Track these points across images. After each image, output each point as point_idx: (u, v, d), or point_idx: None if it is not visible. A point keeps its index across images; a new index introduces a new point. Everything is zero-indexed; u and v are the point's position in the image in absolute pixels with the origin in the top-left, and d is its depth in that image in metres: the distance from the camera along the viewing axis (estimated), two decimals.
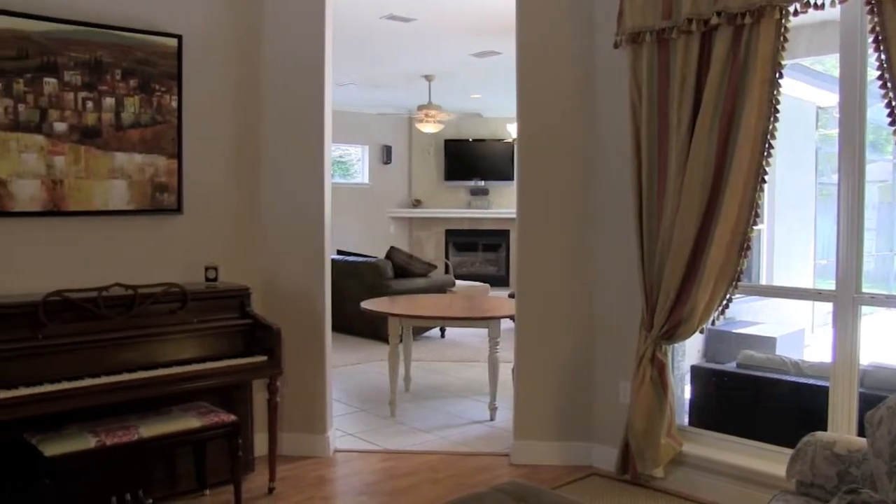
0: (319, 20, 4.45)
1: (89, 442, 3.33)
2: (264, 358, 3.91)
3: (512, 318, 4.88)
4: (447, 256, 12.84)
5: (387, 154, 12.75)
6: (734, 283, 3.75)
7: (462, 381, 6.54)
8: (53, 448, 3.25)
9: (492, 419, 5.37)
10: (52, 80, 3.79)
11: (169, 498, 3.93)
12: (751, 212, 3.65)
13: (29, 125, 3.72)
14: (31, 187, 3.73)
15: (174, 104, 4.15)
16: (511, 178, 12.14)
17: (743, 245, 3.69)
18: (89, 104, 3.89)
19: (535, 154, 4.43)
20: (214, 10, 4.33)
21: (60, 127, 3.81)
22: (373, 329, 7.99)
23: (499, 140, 12.65)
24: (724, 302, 3.81)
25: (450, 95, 10.32)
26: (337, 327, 5.03)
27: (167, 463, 3.95)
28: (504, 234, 12.74)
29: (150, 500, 3.75)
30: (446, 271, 11.03)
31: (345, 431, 5.07)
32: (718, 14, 3.53)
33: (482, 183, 12.85)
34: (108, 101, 3.95)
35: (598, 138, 4.35)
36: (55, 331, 3.45)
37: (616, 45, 4.03)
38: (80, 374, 3.44)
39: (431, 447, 4.81)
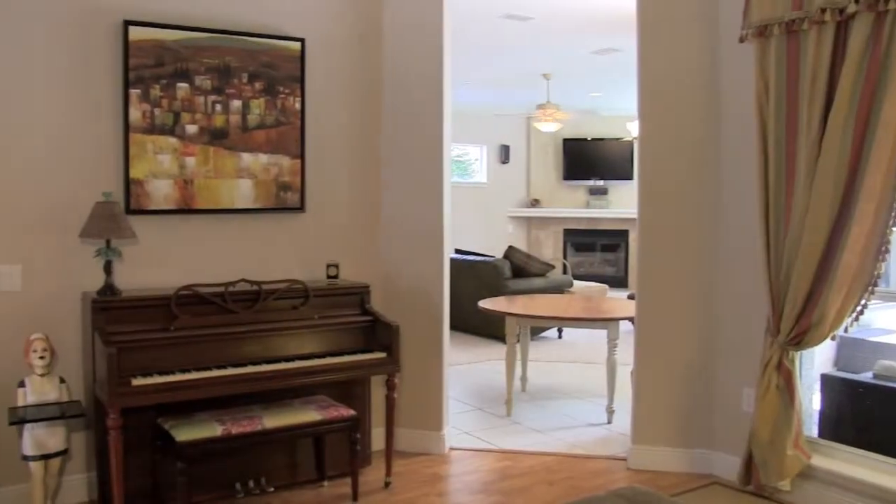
0: (438, 21, 4.49)
1: (216, 430, 3.49)
2: (383, 354, 3.97)
3: (631, 319, 4.79)
4: (565, 256, 12.73)
5: (505, 153, 12.75)
6: (869, 289, 3.53)
7: (579, 383, 6.47)
8: (184, 434, 3.43)
9: (609, 422, 5.28)
10: (185, 86, 3.98)
11: (289, 487, 4.07)
12: (890, 214, 3.41)
13: (163, 128, 3.93)
14: (166, 187, 3.94)
15: (297, 106, 4.28)
16: (631, 177, 12.08)
17: (880, 249, 3.46)
18: (218, 107, 4.07)
19: (657, 152, 4.33)
20: (336, 13, 4.45)
21: (192, 129, 4.00)
22: (490, 328, 8.01)
23: (618, 139, 12.44)
24: (859, 308, 3.58)
25: (568, 94, 10.22)
26: (454, 326, 5.07)
27: (288, 453, 4.09)
28: (623, 235, 12.53)
29: (272, 488, 3.90)
30: (564, 271, 10.92)
31: (460, 429, 5.10)
32: (857, 1, 3.34)
33: (601, 182, 12.68)
34: (236, 104, 4.12)
35: (722, 136, 4.20)
36: (186, 323, 3.63)
37: (742, 40, 3.88)
38: (208, 365, 3.61)
39: (547, 448, 4.77)
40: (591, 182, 12.74)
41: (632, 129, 10.73)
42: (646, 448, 4.39)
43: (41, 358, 3.47)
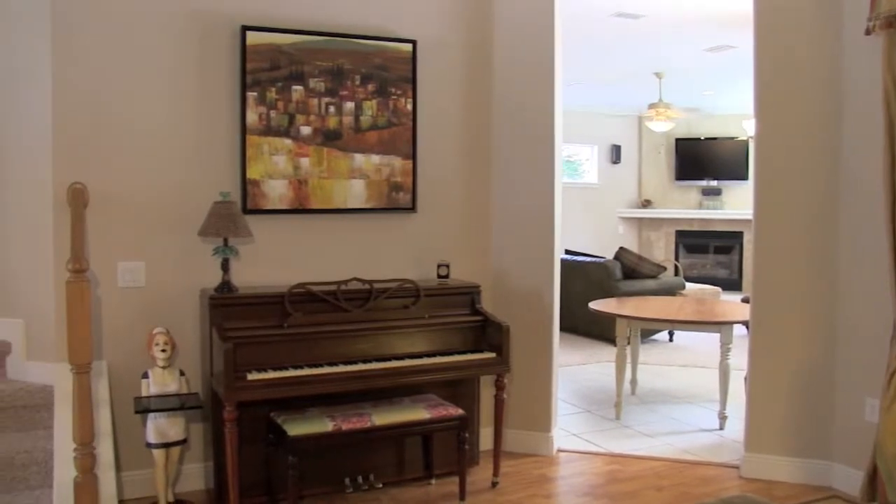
0: (548, 20, 4.45)
1: (327, 425, 3.55)
2: (493, 354, 3.96)
3: (745, 323, 4.62)
4: (677, 258, 12.42)
5: (616, 153, 12.54)
6: None
7: (690, 387, 6.29)
8: (296, 428, 3.50)
9: (721, 428, 5.11)
10: (299, 88, 4.07)
11: (397, 484, 4.11)
12: None
13: (279, 130, 4.03)
14: (280, 187, 4.04)
15: (409, 107, 4.32)
16: (745, 178, 11.68)
17: None
18: (331, 109, 4.15)
19: (775, 151, 4.15)
20: (447, 14, 4.46)
21: (306, 130, 4.09)
22: (599, 330, 7.90)
23: (732, 138, 12.04)
24: None
25: (681, 92, 9.97)
26: (563, 327, 5.00)
27: (396, 450, 4.12)
28: (737, 236, 12.12)
29: (380, 485, 3.94)
30: (676, 273, 10.66)
31: (568, 431, 5.03)
32: None
33: (714, 182, 12.30)
34: (348, 106, 4.18)
35: (844, 134, 3.99)
36: (299, 321, 3.70)
37: (868, 32, 3.67)
38: (319, 361, 3.68)
39: (656, 453, 4.65)
40: (704, 182, 12.38)
41: (747, 128, 10.38)
42: (760, 456, 4.22)
43: (163, 351, 3.61)
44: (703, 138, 12.29)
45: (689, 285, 8.89)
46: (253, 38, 3.96)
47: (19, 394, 3.65)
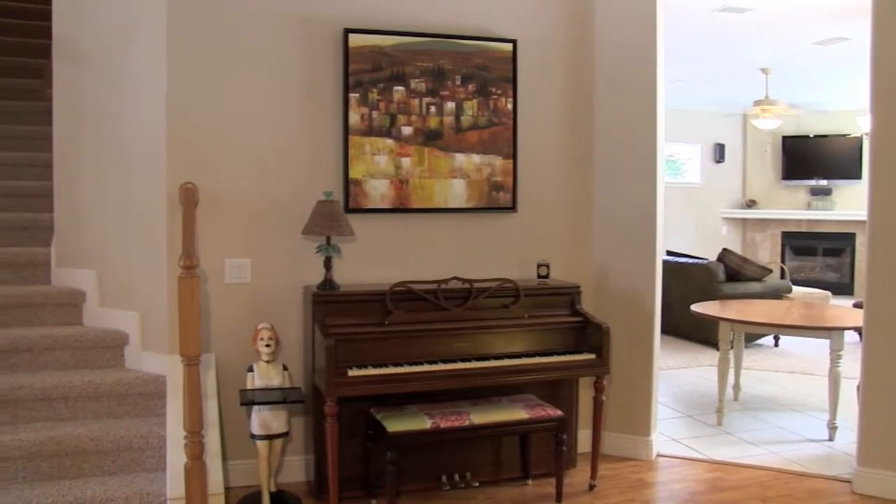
0: (650, 17, 4.36)
1: (425, 423, 3.58)
2: (592, 356, 3.91)
3: (858, 330, 4.42)
4: (783, 260, 12.01)
5: (719, 152, 12.21)
6: None
7: (796, 395, 6.06)
8: (394, 425, 3.55)
9: (830, 439, 4.91)
10: (401, 89, 4.12)
11: (493, 483, 4.11)
12: None
13: (381, 130, 4.09)
14: (382, 186, 4.10)
15: (509, 106, 4.31)
16: (858, 177, 11.18)
17: None
18: (432, 109, 4.18)
19: (892, 149, 3.96)
20: (547, 13, 4.44)
21: (407, 131, 4.13)
22: (701, 333, 7.72)
23: (844, 135, 11.54)
24: None
25: (788, 88, 9.63)
26: (664, 329, 4.91)
27: (493, 450, 4.13)
28: (849, 238, 11.62)
29: (477, 483, 3.96)
30: (782, 276, 10.29)
31: (668, 436, 4.93)
32: None
33: (824, 182, 11.82)
34: (449, 106, 4.21)
35: None
36: (399, 318, 3.75)
37: None
38: (419, 359, 3.71)
39: (760, 462, 4.50)
40: (813, 182, 11.92)
41: (862, 125, 9.93)
42: (875, 472, 4.02)
43: (267, 346, 3.72)
44: (812, 136, 11.83)
45: (795, 289, 8.58)
46: (355, 40, 4.04)
47: (136, 382, 3.82)
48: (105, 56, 4.16)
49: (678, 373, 6.77)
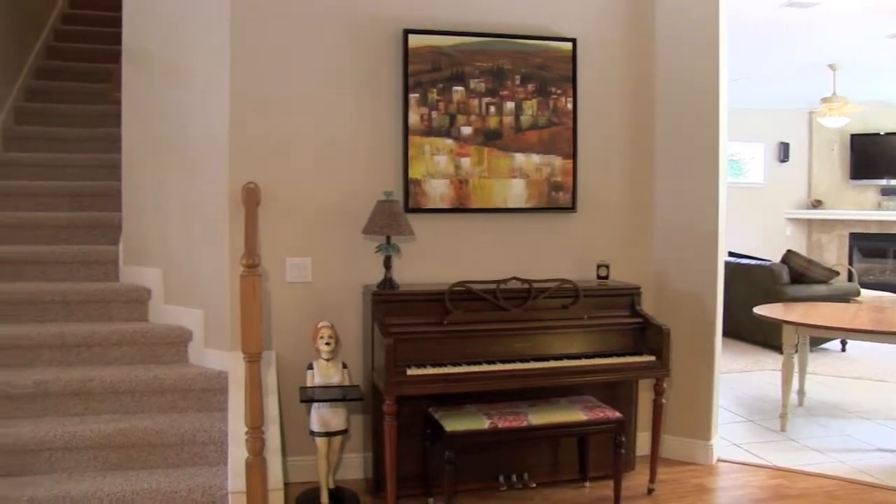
0: (713, 14, 4.29)
1: (483, 423, 3.58)
2: (652, 358, 3.87)
3: None
4: (851, 263, 11.68)
5: (783, 151, 11.94)
6: None
7: (865, 402, 5.89)
8: (453, 424, 3.56)
9: None
10: (460, 89, 4.13)
11: (551, 485, 4.09)
12: None
13: (440, 130, 4.10)
14: (441, 186, 4.12)
15: (569, 106, 4.29)
16: None
17: None
18: (492, 109, 4.18)
19: None
20: (607, 11, 4.40)
21: (466, 131, 4.14)
22: (763, 336, 7.58)
23: None
24: None
25: (857, 85, 9.36)
26: (725, 331, 4.83)
27: (551, 451, 4.11)
28: None
29: (534, 484, 3.94)
30: (850, 279, 10.04)
31: (729, 441, 4.84)
32: None
33: (895, 182, 11.47)
34: (508, 106, 4.20)
35: None
36: (458, 318, 3.76)
37: None
38: (478, 359, 3.71)
39: (827, 470, 4.38)
40: (883, 181, 11.56)
41: None
42: None
43: (327, 344, 3.76)
44: (882, 133, 11.49)
45: (864, 292, 8.35)
46: (415, 40, 4.06)
47: (199, 378, 3.90)
48: (170, 59, 4.26)
49: (740, 376, 6.64)
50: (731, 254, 8.74)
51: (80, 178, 5.40)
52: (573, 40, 4.29)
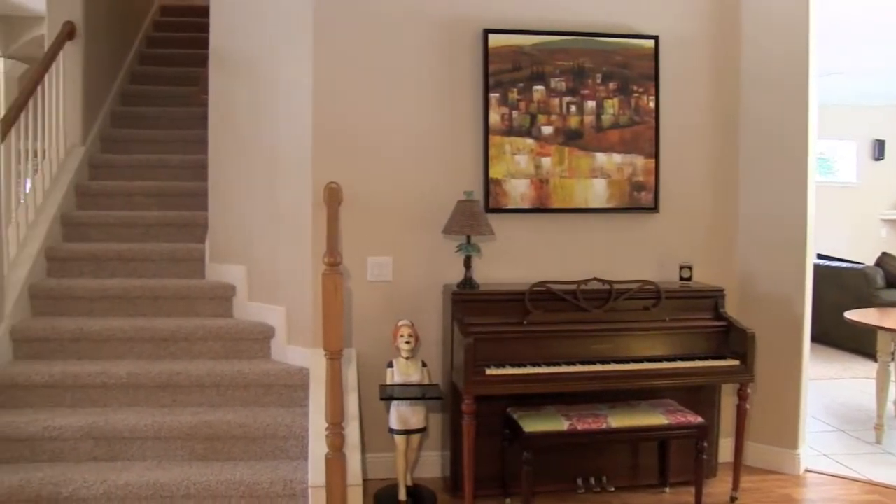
0: (803, 8, 4.15)
1: (562, 424, 3.56)
2: (736, 362, 3.77)
3: None
4: None
5: (879, 149, 11.48)
6: None
7: None
8: (531, 425, 3.54)
9: None
10: (541, 88, 4.11)
11: (630, 489, 4.03)
12: None
13: (521, 130, 4.09)
14: (522, 186, 4.10)
15: (651, 104, 4.22)
16: None
17: None
18: (572, 108, 4.15)
19: None
20: (690, 7, 4.31)
21: (547, 130, 4.12)
22: (856, 342, 7.31)
23: None
24: None
25: None
26: (814, 337, 4.66)
27: (630, 454, 4.05)
28: None
29: (612, 488, 3.90)
30: None
31: (818, 451, 4.68)
32: None
33: None
34: (589, 105, 4.16)
35: None
36: (538, 319, 3.74)
37: None
38: (557, 360, 3.69)
39: None
40: None
41: None
42: None
43: (407, 343, 3.78)
44: None
45: None
46: (495, 40, 4.05)
47: (281, 374, 3.98)
48: (255, 62, 4.36)
49: (830, 384, 6.42)
50: (820, 256, 8.46)
51: (169, 178, 5.59)
52: (655, 37, 4.22)
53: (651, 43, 4.22)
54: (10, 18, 9.35)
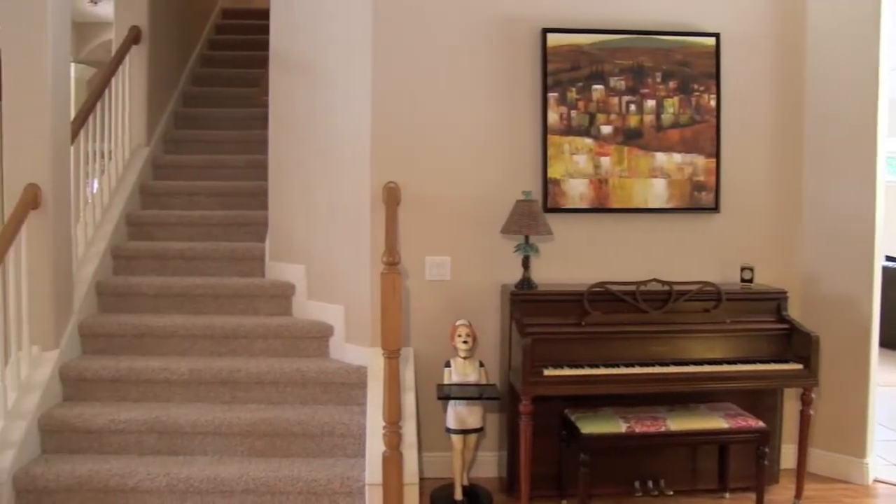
0: (874, 1, 4.05)
1: (620, 426, 3.52)
2: (799, 366, 3.69)
3: None
4: None
5: None
6: None
7: None
8: (589, 427, 3.52)
9: None
10: (600, 87, 4.08)
11: (689, 493, 3.97)
12: None
13: (579, 129, 4.06)
14: (581, 186, 4.08)
15: (712, 103, 4.16)
16: None
17: None
18: (632, 107, 4.11)
19: None
20: (752, 3, 4.23)
21: (606, 130, 4.08)
22: None
23: None
24: None
25: None
26: (881, 341, 4.52)
27: (689, 458, 3.99)
28: None
29: (671, 492, 3.84)
30: None
31: (888, 461, 4.54)
32: None
33: None
34: (649, 104, 4.12)
35: None
36: (597, 319, 3.71)
37: None
38: (616, 361, 3.65)
39: None
40: None
41: None
42: None
43: (465, 342, 3.79)
44: None
45: None
46: (553, 39, 4.04)
47: (339, 372, 4.02)
48: (314, 63, 4.41)
49: None
50: (889, 258, 8.22)
51: (230, 178, 5.69)
52: (716, 35, 4.16)
53: (712, 40, 4.16)
54: (80, 25, 9.65)
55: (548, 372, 3.50)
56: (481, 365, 3.86)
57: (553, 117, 4.04)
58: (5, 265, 3.68)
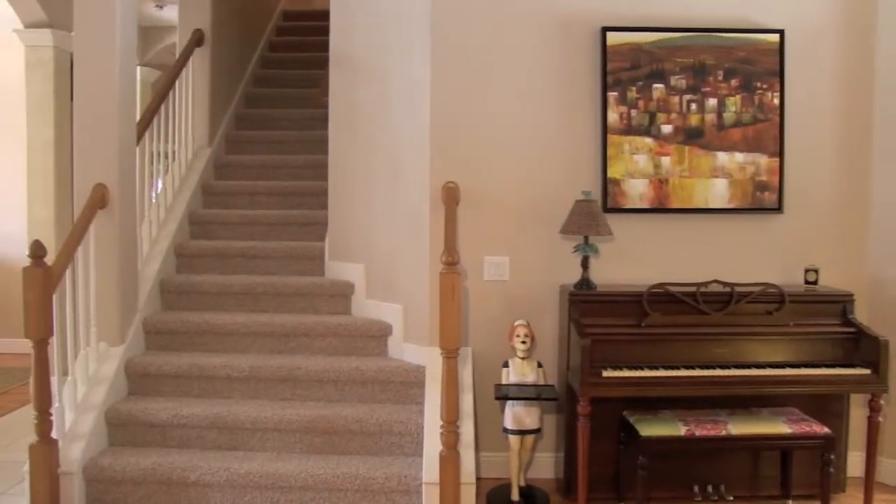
0: None
1: (679, 429, 3.48)
2: (867, 371, 3.60)
3: None
4: None
5: None
6: None
7: None
8: (648, 429, 3.48)
9: None
10: (660, 86, 4.03)
11: (749, 499, 3.90)
12: None
13: (639, 129, 4.02)
14: (641, 186, 4.04)
15: (776, 101, 4.08)
16: None
17: None
18: (693, 106, 4.05)
19: None
20: None
21: (666, 129, 4.04)
22: None
23: None
24: None
25: None
26: None
27: (750, 463, 3.92)
28: None
29: (731, 497, 3.78)
30: None
31: None
32: None
33: None
34: (710, 103, 4.05)
35: None
36: (656, 321, 3.67)
37: None
38: (675, 364, 3.61)
39: None
40: None
41: None
42: None
43: (523, 343, 3.78)
44: None
45: None
46: (613, 38, 4.01)
47: (397, 371, 4.04)
48: (374, 64, 4.44)
49: None
50: None
51: (290, 178, 5.77)
52: (780, 32, 4.08)
53: (776, 37, 4.07)
54: (146, 29, 9.88)
55: (606, 373, 3.47)
56: (539, 365, 3.84)
57: (613, 117, 4.01)
58: (74, 263, 3.79)
